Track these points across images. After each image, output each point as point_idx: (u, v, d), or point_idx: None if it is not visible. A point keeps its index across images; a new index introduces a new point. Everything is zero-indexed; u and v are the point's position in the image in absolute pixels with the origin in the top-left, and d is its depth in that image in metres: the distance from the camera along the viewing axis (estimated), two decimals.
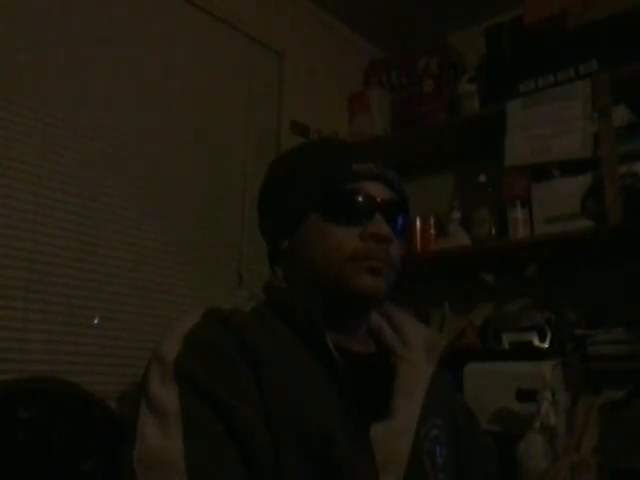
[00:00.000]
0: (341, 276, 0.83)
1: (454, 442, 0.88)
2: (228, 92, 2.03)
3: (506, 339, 1.84)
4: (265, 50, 2.17)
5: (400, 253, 0.89)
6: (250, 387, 0.71)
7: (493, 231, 1.99)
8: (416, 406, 0.83)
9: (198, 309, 0.78)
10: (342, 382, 0.76)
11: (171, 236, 1.78)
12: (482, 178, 2.08)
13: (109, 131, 1.67)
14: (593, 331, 1.77)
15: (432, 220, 2.19)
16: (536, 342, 1.79)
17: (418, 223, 2.18)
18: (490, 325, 1.91)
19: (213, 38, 2.01)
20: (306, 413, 0.72)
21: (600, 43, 1.86)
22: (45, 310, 1.47)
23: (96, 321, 1.56)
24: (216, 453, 0.66)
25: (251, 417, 0.69)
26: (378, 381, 0.86)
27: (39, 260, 1.47)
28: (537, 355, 1.73)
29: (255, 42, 2.13)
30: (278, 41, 2.20)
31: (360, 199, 0.85)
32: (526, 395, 1.58)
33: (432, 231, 2.18)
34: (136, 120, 1.74)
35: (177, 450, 0.65)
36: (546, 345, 1.77)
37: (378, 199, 0.86)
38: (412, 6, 2.33)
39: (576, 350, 1.75)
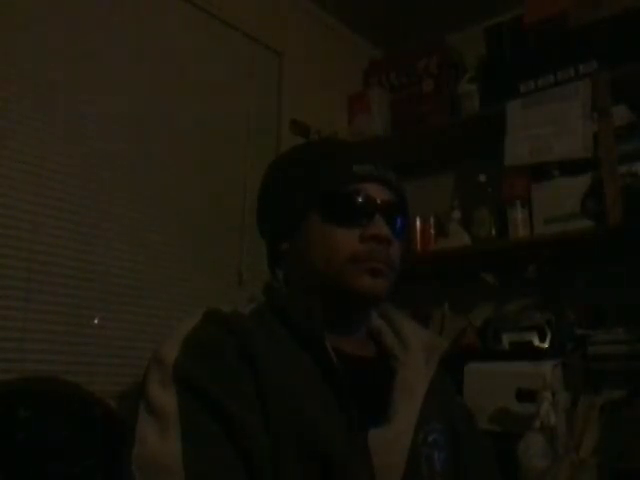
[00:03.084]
0: (341, 277, 0.83)
1: (453, 446, 0.88)
2: (228, 92, 2.03)
3: (506, 339, 1.84)
4: (265, 50, 2.17)
5: (400, 254, 0.89)
6: (249, 389, 0.71)
7: (493, 231, 1.99)
8: (414, 410, 0.83)
9: (198, 310, 0.78)
10: (341, 385, 0.76)
11: (171, 236, 1.78)
12: (482, 178, 2.08)
13: (109, 131, 1.67)
14: (593, 331, 1.77)
15: (432, 220, 2.19)
16: (536, 342, 1.79)
17: (418, 223, 2.18)
18: (490, 325, 1.91)
19: (213, 38, 2.01)
20: (305, 415, 0.72)
21: (600, 43, 1.85)
22: (45, 310, 1.47)
23: (96, 321, 1.56)
24: (215, 455, 0.66)
25: (250, 419, 0.69)
26: (377, 384, 0.86)
27: (39, 260, 1.47)
28: (537, 355, 1.73)
29: (255, 42, 2.13)
30: (278, 41, 2.20)
31: (360, 200, 0.85)
32: (526, 395, 1.58)
33: (432, 231, 2.18)
34: (136, 119, 1.74)
35: (176, 453, 0.65)
36: (546, 345, 1.77)
37: (378, 200, 0.86)
38: (412, 6, 2.33)
39: (576, 350, 1.75)
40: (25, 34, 1.51)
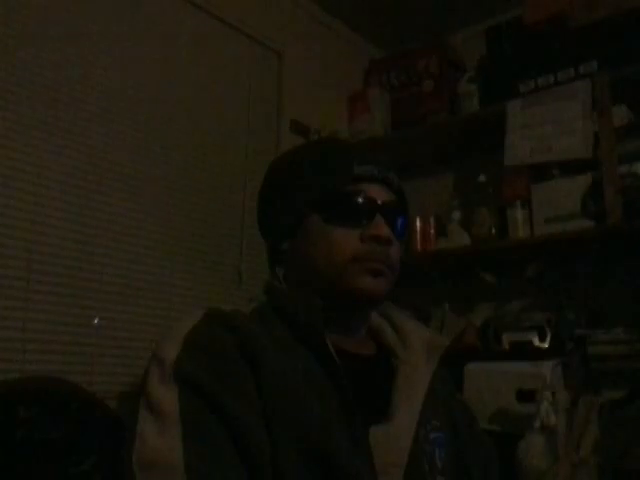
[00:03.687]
0: (341, 277, 0.83)
1: (454, 444, 0.88)
2: (228, 92, 2.03)
3: (506, 339, 1.84)
4: (265, 50, 2.17)
5: (400, 254, 0.89)
6: (250, 388, 0.71)
7: (493, 231, 1.99)
8: (415, 408, 0.83)
9: (198, 309, 0.78)
10: (342, 383, 0.76)
11: (171, 236, 1.78)
12: (482, 178, 2.08)
13: (108, 130, 1.67)
14: (593, 331, 1.77)
15: (432, 220, 2.19)
16: (536, 342, 1.79)
17: (418, 223, 2.18)
18: (490, 325, 1.91)
19: (213, 38, 2.01)
20: (305, 414, 0.72)
21: (600, 43, 1.86)
22: (45, 310, 1.47)
23: (96, 321, 1.56)
24: (215, 454, 0.66)
25: (250, 418, 0.69)
26: (378, 383, 0.86)
27: (39, 260, 1.47)
28: (537, 355, 1.73)
29: (255, 42, 2.13)
30: (278, 41, 2.20)
31: (361, 201, 0.85)
32: (526, 395, 1.58)
33: (432, 231, 2.18)
34: (136, 120, 1.74)
35: (176, 451, 0.65)
36: (546, 345, 1.77)
37: (379, 201, 0.86)
38: (412, 6, 2.33)
39: (576, 350, 1.75)
40: (25, 36, 1.52)
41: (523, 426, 1.47)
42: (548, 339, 1.78)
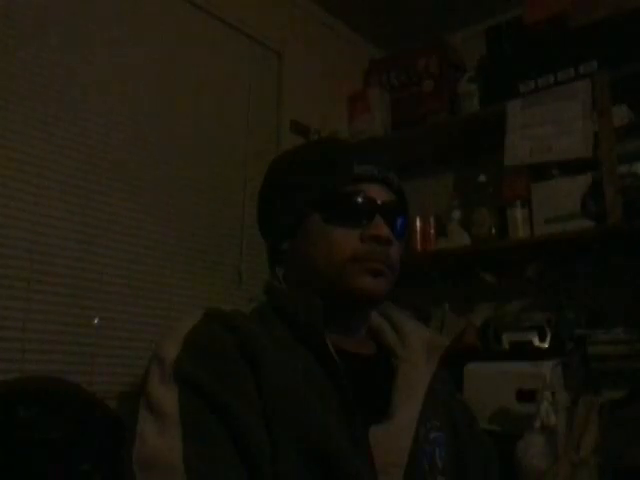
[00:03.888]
0: (341, 277, 0.83)
1: (454, 444, 0.88)
2: (228, 92, 2.03)
3: (506, 339, 1.84)
4: (265, 50, 2.18)
5: (400, 255, 0.89)
6: (250, 388, 0.71)
7: (493, 231, 1.99)
8: (415, 408, 0.83)
9: (198, 309, 0.78)
10: (342, 383, 0.76)
11: (171, 236, 1.78)
12: (482, 178, 2.08)
13: (109, 131, 1.67)
14: (593, 331, 1.77)
15: (432, 220, 2.19)
16: (536, 342, 1.79)
17: (418, 223, 2.18)
18: (490, 325, 1.91)
19: (213, 38, 2.01)
20: (305, 414, 0.72)
21: (600, 43, 1.86)
22: (45, 310, 1.47)
23: (96, 321, 1.56)
24: (215, 454, 0.66)
25: (250, 418, 0.69)
26: (378, 382, 0.86)
27: (39, 260, 1.47)
28: (537, 355, 1.73)
29: (255, 42, 2.13)
30: (278, 41, 2.20)
31: (361, 201, 0.85)
32: (526, 395, 1.58)
33: (432, 231, 2.18)
34: (136, 120, 1.74)
35: (176, 451, 0.65)
36: (546, 345, 1.77)
37: (379, 201, 0.86)
38: (412, 6, 2.33)
39: (576, 350, 1.75)
40: (25, 36, 1.52)
41: (523, 426, 1.46)
42: (548, 339, 1.78)
